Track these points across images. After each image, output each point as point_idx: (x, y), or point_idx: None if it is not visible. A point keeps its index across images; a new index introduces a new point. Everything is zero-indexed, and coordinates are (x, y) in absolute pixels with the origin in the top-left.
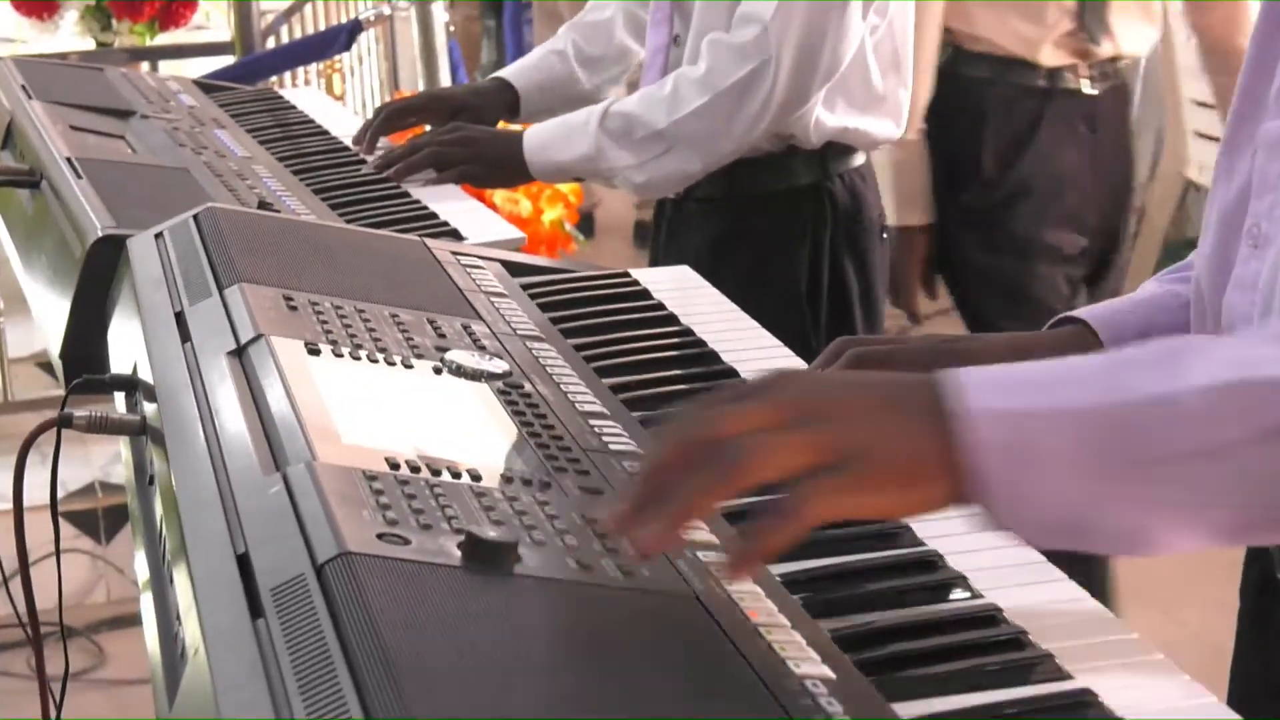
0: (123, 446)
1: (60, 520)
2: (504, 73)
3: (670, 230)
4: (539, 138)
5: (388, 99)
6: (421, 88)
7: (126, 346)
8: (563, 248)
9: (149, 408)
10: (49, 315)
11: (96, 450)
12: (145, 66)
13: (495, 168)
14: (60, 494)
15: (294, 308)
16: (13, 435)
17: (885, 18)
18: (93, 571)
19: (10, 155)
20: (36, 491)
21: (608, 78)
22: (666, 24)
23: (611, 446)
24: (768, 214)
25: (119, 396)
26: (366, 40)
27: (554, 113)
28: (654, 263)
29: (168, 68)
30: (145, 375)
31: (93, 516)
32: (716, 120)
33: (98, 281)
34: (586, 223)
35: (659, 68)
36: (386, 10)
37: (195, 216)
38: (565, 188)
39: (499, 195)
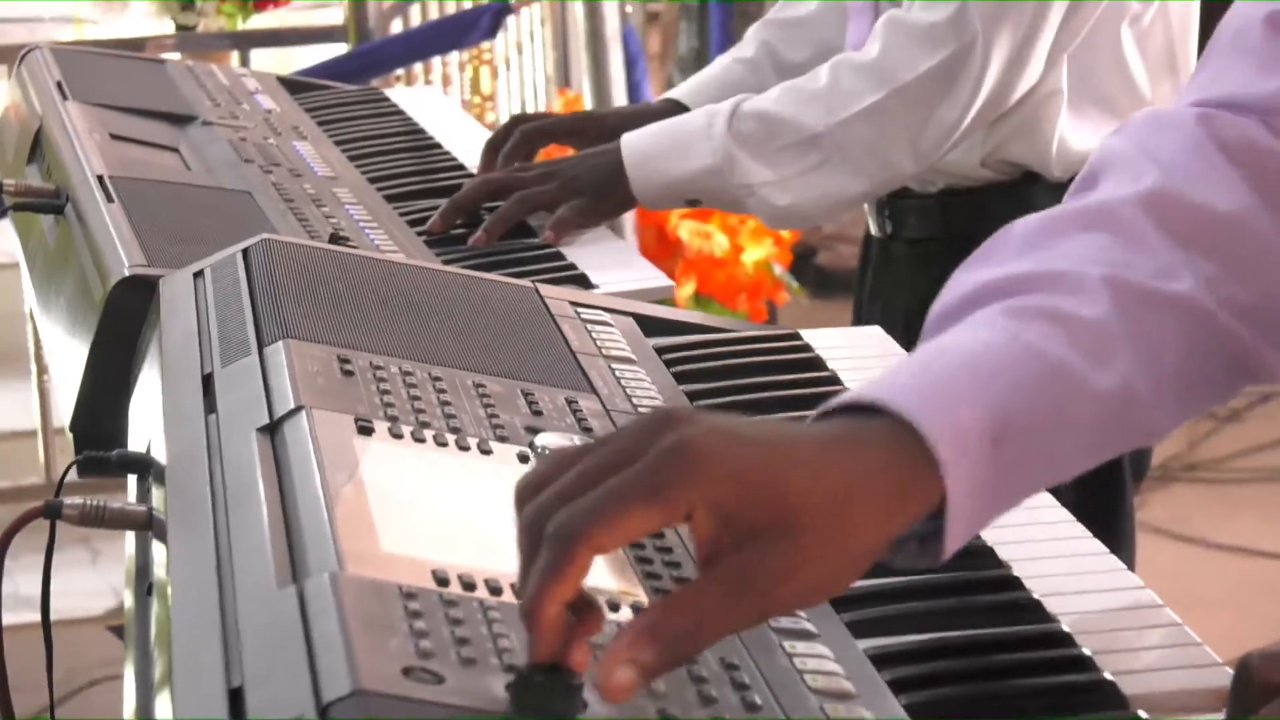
0: (128, 544)
1: (112, 634)
2: (677, 92)
3: (876, 279)
4: (644, 145)
5: (551, 102)
6: (587, 86)
7: (148, 417)
8: (770, 297)
9: (159, 496)
10: (65, 374)
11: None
12: (235, 58)
13: (598, 192)
14: (113, 603)
15: (349, 372)
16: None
17: (1152, 3)
18: None
19: (38, 171)
20: (62, 600)
21: None
22: (870, 14)
23: None
24: None
25: (133, 480)
26: (529, 23)
27: None
28: (857, 319)
29: (264, 59)
30: (160, 454)
31: None
32: (894, 126)
33: (120, 333)
34: (805, 265)
35: None
36: None
37: (245, 251)
38: None
39: (685, 228)
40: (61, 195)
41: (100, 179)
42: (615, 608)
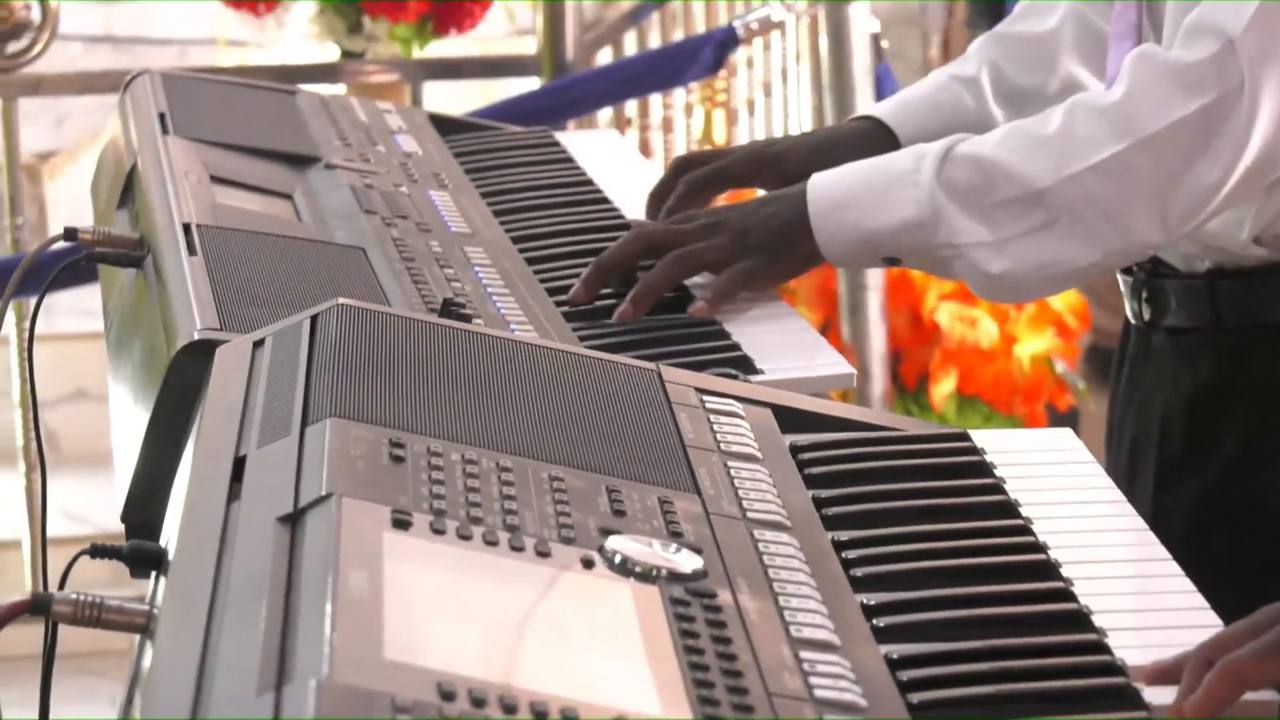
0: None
1: None
2: (879, 108)
3: (1132, 375)
4: (834, 190)
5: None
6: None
7: (177, 504)
8: (1051, 401)
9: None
10: (125, 453)
11: None
12: (408, 93)
13: (774, 250)
14: None
15: (399, 458)
16: None
17: None
18: None
19: (127, 217)
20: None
21: None
22: (1133, 34)
23: (819, 692)
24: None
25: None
26: (780, 57)
27: None
28: (1112, 419)
29: (439, 94)
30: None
31: None
32: (1137, 185)
33: (182, 407)
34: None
35: None
36: (775, 13)
37: (314, 317)
38: (1060, 302)
39: (946, 312)
40: (144, 246)
41: (186, 228)
42: None
